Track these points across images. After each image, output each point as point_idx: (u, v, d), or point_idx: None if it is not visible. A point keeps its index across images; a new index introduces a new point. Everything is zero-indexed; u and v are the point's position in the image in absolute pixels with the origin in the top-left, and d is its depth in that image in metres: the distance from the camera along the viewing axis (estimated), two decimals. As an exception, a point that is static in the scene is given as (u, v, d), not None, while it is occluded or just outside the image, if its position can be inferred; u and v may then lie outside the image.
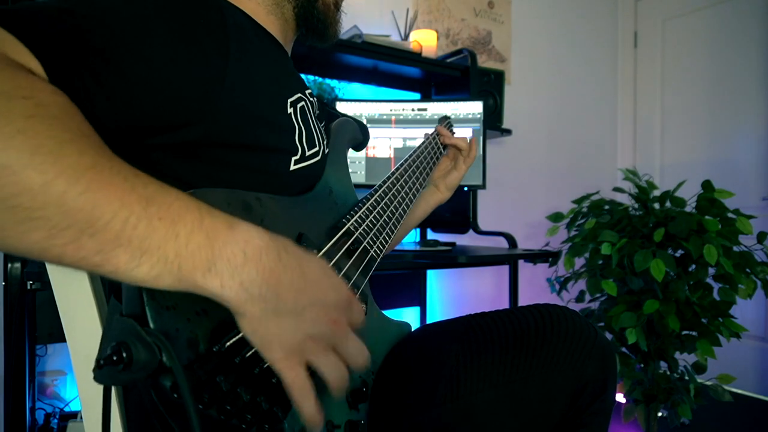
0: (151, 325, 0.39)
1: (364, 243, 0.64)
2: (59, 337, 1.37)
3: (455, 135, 1.02)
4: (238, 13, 0.59)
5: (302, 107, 0.63)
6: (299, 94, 0.63)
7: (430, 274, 2.09)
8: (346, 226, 0.62)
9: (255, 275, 0.39)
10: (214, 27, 0.50)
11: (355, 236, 0.63)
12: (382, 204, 0.72)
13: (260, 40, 0.60)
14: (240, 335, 0.43)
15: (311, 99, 0.68)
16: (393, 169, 0.80)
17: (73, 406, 1.39)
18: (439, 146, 0.98)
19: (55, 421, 1.34)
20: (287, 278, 0.41)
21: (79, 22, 0.42)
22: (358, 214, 0.65)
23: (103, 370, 0.37)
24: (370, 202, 0.69)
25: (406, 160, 0.84)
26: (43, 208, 0.32)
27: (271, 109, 0.57)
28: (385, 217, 0.71)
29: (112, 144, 0.40)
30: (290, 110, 0.61)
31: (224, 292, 0.38)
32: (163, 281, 0.37)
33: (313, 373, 0.43)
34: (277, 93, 0.59)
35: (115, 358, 0.36)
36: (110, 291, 0.52)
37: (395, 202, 0.75)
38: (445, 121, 1.11)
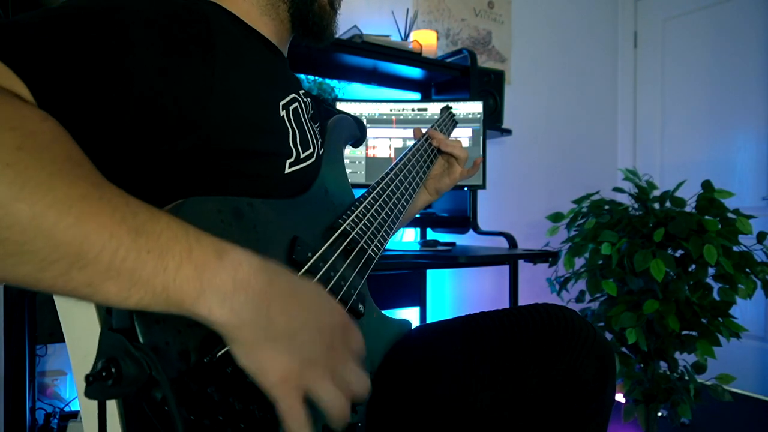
0: (141, 339, 0.39)
1: (362, 242, 0.64)
2: (59, 337, 1.37)
3: (456, 126, 0.98)
4: (226, 17, 0.58)
5: (295, 109, 0.63)
6: (292, 95, 0.63)
7: (430, 274, 2.09)
8: (342, 227, 0.62)
9: (245, 300, 0.39)
10: (199, 36, 0.50)
11: (351, 236, 0.62)
12: (379, 202, 0.71)
13: (250, 43, 0.60)
14: None
15: (305, 99, 0.67)
16: (389, 167, 0.79)
17: (73, 406, 1.39)
18: (432, 146, 0.95)
19: (55, 421, 1.34)
20: (278, 302, 0.41)
21: (63, 41, 0.41)
22: (354, 214, 0.65)
23: (93, 386, 0.37)
24: (367, 200, 0.69)
25: (401, 158, 0.83)
26: (33, 242, 0.32)
27: (263, 114, 0.57)
28: (383, 215, 0.70)
29: (106, 157, 0.39)
30: (283, 113, 0.60)
31: (213, 317, 0.38)
32: (153, 309, 0.37)
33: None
34: (269, 97, 0.59)
35: (104, 374, 0.36)
36: None
37: (393, 200, 0.74)
38: (446, 112, 1.07)
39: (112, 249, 0.34)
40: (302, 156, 0.62)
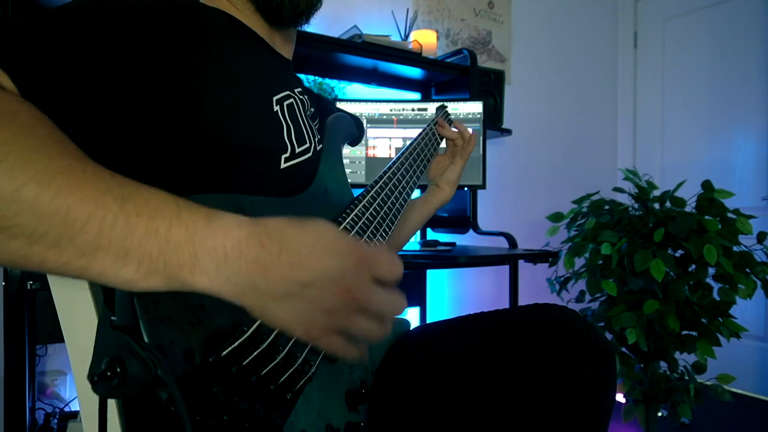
0: (146, 338, 0.39)
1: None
2: (59, 337, 1.37)
3: (452, 125, 1.01)
4: (218, 15, 0.59)
5: (290, 105, 0.63)
6: (287, 92, 0.63)
7: (430, 274, 2.09)
8: (342, 226, 0.62)
9: (239, 268, 0.38)
10: (190, 31, 0.50)
11: (351, 235, 0.62)
12: (378, 200, 0.71)
13: (242, 39, 0.60)
14: (236, 344, 0.43)
15: (301, 97, 0.68)
16: (387, 165, 0.79)
17: (73, 406, 1.39)
18: (436, 137, 0.98)
19: (55, 421, 1.34)
20: (274, 263, 0.39)
21: (50, 35, 0.42)
22: (353, 213, 0.65)
23: (98, 385, 0.37)
24: (366, 199, 0.69)
25: (400, 156, 0.83)
26: (17, 216, 0.32)
27: (255, 108, 0.57)
28: (382, 213, 0.70)
29: (95, 152, 0.40)
30: (276, 108, 0.60)
31: (215, 288, 0.38)
32: (153, 281, 0.37)
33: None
34: (262, 91, 0.59)
35: (109, 373, 0.36)
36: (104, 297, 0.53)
37: (392, 198, 0.74)
38: (442, 111, 1.10)
39: (100, 217, 0.34)
40: (298, 150, 0.62)
